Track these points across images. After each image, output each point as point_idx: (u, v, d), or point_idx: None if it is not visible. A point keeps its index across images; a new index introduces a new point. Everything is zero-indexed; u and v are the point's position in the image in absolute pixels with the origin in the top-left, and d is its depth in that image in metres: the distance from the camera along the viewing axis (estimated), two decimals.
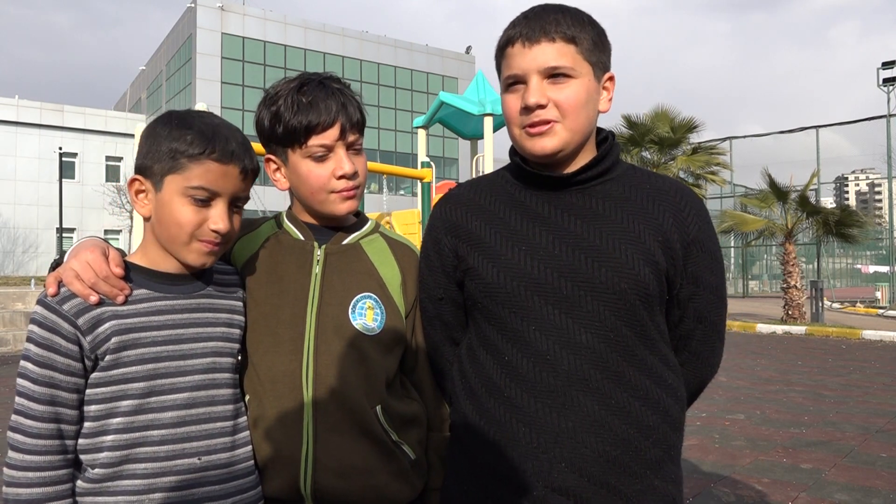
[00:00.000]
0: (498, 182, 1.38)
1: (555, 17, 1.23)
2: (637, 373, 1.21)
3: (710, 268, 1.29)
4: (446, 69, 44.56)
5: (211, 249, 1.24)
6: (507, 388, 1.23)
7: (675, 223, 1.25)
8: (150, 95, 45.20)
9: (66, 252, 1.25)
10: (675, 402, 1.26)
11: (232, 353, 1.30)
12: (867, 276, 28.71)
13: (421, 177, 9.90)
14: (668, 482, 1.23)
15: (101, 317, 1.17)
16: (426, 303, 1.43)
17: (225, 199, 1.23)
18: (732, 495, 3.84)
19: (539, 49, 1.21)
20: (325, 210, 1.37)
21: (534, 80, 1.22)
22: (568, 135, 1.24)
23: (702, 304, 1.29)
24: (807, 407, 6.24)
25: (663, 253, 1.23)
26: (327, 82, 1.35)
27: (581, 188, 1.28)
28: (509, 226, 1.29)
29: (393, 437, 1.34)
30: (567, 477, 1.17)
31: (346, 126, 1.32)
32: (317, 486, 1.28)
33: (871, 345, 11.36)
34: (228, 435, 1.25)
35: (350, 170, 1.33)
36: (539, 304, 1.22)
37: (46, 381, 1.14)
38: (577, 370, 1.19)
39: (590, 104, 1.25)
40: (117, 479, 1.16)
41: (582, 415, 1.18)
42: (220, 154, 1.20)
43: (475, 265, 1.30)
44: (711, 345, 1.34)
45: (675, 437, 1.26)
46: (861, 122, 21.38)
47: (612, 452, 1.18)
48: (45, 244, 34.19)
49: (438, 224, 1.40)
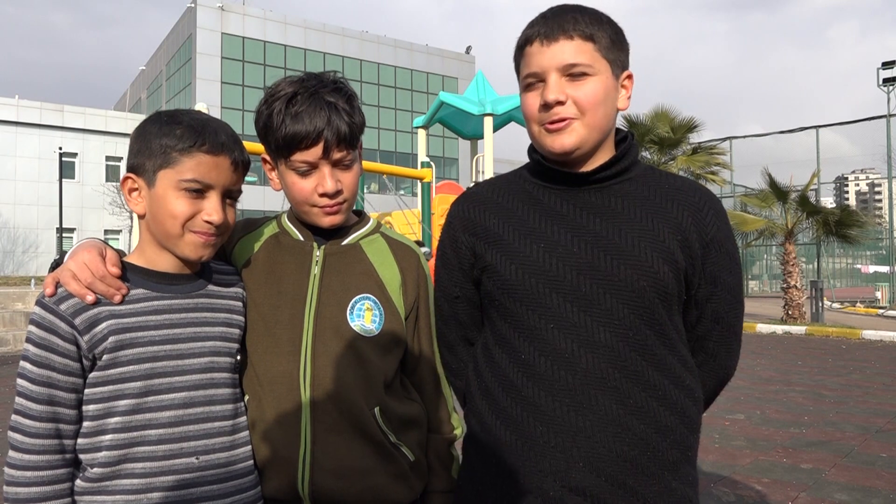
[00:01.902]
0: (516, 181, 1.38)
1: (573, 16, 1.24)
2: (656, 372, 1.20)
3: (729, 268, 1.28)
4: (446, 69, 44.57)
5: (206, 241, 1.24)
6: (524, 387, 1.22)
7: (694, 223, 1.25)
8: (151, 95, 45.22)
9: (66, 252, 1.26)
10: (692, 402, 1.25)
11: (230, 352, 1.29)
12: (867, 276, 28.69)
13: (421, 177, 9.91)
14: (684, 483, 1.23)
15: (98, 316, 1.17)
16: (441, 301, 1.43)
17: (218, 190, 1.24)
18: (732, 495, 3.84)
19: (558, 47, 1.22)
20: (309, 221, 1.37)
21: (552, 78, 1.23)
22: (586, 131, 1.24)
23: (719, 304, 1.29)
24: (807, 407, 6.24)
25: (682, 252, 1.23)
26: (321, 93, 1.30)
27: (599, 187, 1.28)
28: (527, 223, 1.29)
29: (391, 439, 1.33)
30: (585, 477, 1.16)
31: (332, 143, 1.28)
32: (315, 487, 1.27)
33: (871, 345, 11.36)
34: (227, 435, 1.25)
35: (331, 188, 1.30)
36: (557, 301, 1.21)
37: (44, 381, 1.14)
38: (595, 369, 1.18)
39: (608, 101, 1.25)
40: (116, 478, 1.16)
41: (600, 414, 1.17)
42: (210, 146, 1.21)
43: (493, 262, 1.29)
44: (728, 346, 1.33)
45: (692, 439, 1.25)
46: (861, 122, 21.34)
47: (630, 452, 1.17)
48: (45, 244, 34.18)
49: (456, 222, 1.40)
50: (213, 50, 36.44)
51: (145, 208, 1.24)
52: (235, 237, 1.43)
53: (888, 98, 20.91)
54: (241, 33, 37.46)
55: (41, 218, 34.46)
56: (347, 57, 40.18)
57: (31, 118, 34.56)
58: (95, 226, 34.93)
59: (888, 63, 22.21)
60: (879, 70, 22.38)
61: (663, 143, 16.02)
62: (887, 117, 20.19)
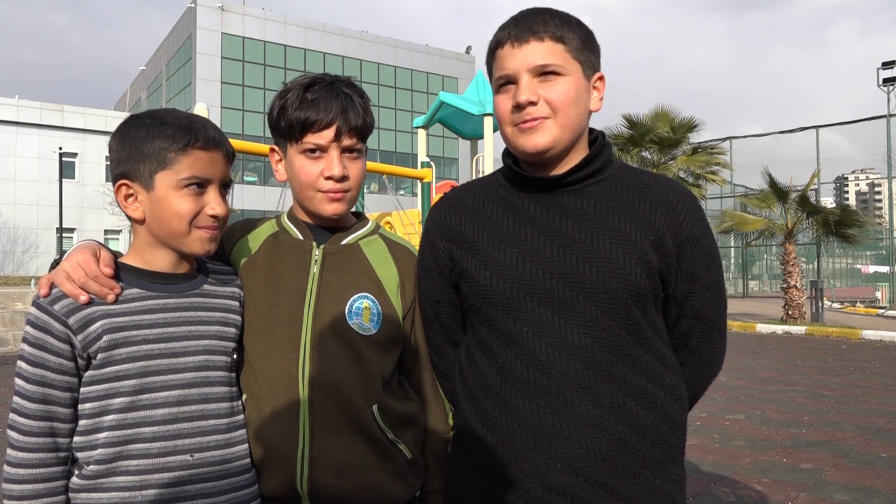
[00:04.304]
0: (491, 185, 1.39)
1: (542, 17, 1.25)
2: (632, 372, 1.21)
3: (706, 264, 1.28)
4: (446, 69, 44.59)
5: (212, 234, 1.27)
6: (503, 390, 1.23)
7: (667, 221, 1.25)
8: (151, 95, 45.26)
9: (67, 252, 1.26)
10: (674, 400, 1.25)
11: (226, 351, 1.29)
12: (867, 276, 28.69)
13: (421, 177, 9.90)
14: (668, 482, 1.23)
15: (92, 316, 1.17)
16: (425, 306, 1.44)
17: (216, 184, 1.26)
18: (732, 495, 3.83)
19: (528, 48, 1.23)
20: (312, 208, 1.38)
21: (524, 79, 1.24)
22: (559, 131, 1.24)
23: (699, 301, 1.29)
24: (807, 407, 6.24)
25: (655, 251, 1.23)
26: (337, 84, 1.36)
27: (572, 189, 1.29)
28: (502, 228, 1.30)
29: (389, 436, 1.34)
30: (563, 477, 1.17)
31: (343, 129, 1.32)
32: (313, 485, 1.28)
33: (871, 345, 11.36)
34: (222, 433, 1.25)
35: (338, 173, 1.33)
36: (531, 305, 1.22)
37: (39, 380, 1.16)
38: (569, 370, 1.19)
39: (580, 101, 1.26)
40: (111, 475, 1.17)
41: (576, 415, 1.18)
42: (203, 142, 1.23)
43: (469, 268, 1.30)
44: (712, 342, 1.34)
45: (676, 437, 1.25)
46: (861, 122, 21.34)
47: (608, 452, 1.18)
48: (45, 244, 34.19)
49: (434, 228, 1.41)
50: (213, 50, 36.45)
51: (144, 213, 1.24)
52: (235, 237, 1.44)
53: (888, 98, 20.92)
54: (241, 33, 37.47)
55: (41, 218, 34.47)
56: (347, 57, 40.20)
57: (32, 118, 34.55)
58: (95, 226, 34.93)
59: (888, 63, 22.22)
60: (880, 70, 22.39)
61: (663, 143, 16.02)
62: (887, 117, 20.18)
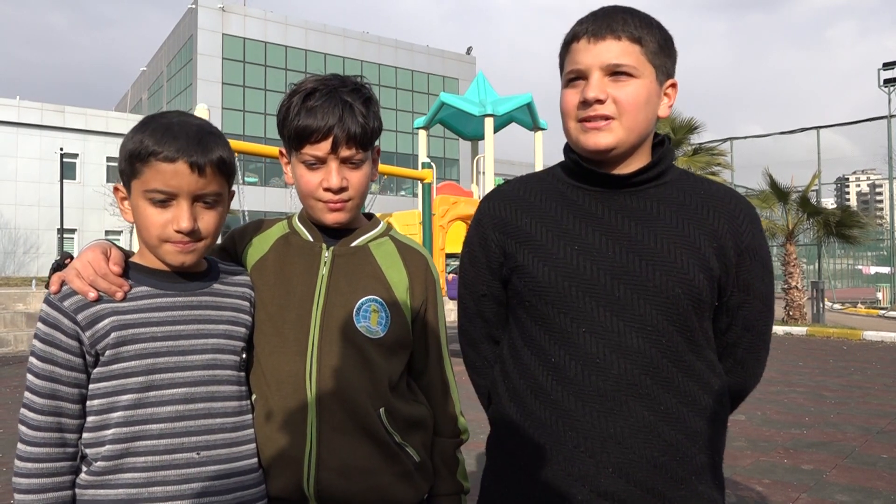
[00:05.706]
0: (548, 180, 1.36)
1: (623, 16, 1.22)
2: (686, 378, 1.19)
3: (762, 276, 1.27)
4: (447, 70, 44.60)
5: (183, 249, 1.21)
6: (554, 391, 1.21)
7: (730, 230, 1.23)
8: (152, 96, 45.28)
9: (67, 253, 1.27)
10: (721, 408, 1.25)
11: (235, 350, 1.30)
12: (868, 276, 28.62)
13: (422, 178, 9.89)
14: (712, 487, 1.22)
15: (101, 313, 1.18)
16: (467, 299, 1.42)
17: (184, 197, 1.19)
18: (733, 496, 3.83)
19: (604, 46, 1.21)
20: (314, 216, 1.38)
21: (595, 76, 1.21)
22: (624, 133, 1.22)
23: (751, 312, 1.27)
24: (808, 408, 6.24)
25: (717, 259, 1.21)
26: (339, 92, 1.32)
27: (635, 190, 1.26)
28: (561, 224, 1.27)
29: (396, 439, 1.34)
30: (614, 482, 1.16)
31: (341, 140, 1.30)
32: (320, 486, 1.28)
33: (872, 346, 11.35)
34: (229, 431, 1.26)
35: (335, 185, 1.31)
36: (590, 305, 1.20)
37: (47, 376, 1.17)
38: (627, 374, 1.17)
39: (649, 106, 1.23)
40: (119, 471, 1.18)
41: (631, 420, 1.16)
42: (165, 154, 1.17)
43: (525, 263, 1.27)
44: (757, 354, 1.32)
45: (720, 443, 1.25)
46: (862, 122, 21.35)
47: (660, 458, 1.16)
48: (46, 245, 34.16)
49: (486, 220, 1.37)
50: (213, 51, 36.47)
51: (132, 217, 1.25)
52: (247, 238, 1.44)
53: (889, 99, 20.92)
54: (242, 34, 37.49)
55: (42, 219, 34.46)
56: (348, 58, 40.21)
57: (33, 119, 34.53)
58: (96, 227, 34.91)
59: (889, 64, 22.23)
60: (880, 71, 22.39)
61: None
62: (888, 118, 20.19)
